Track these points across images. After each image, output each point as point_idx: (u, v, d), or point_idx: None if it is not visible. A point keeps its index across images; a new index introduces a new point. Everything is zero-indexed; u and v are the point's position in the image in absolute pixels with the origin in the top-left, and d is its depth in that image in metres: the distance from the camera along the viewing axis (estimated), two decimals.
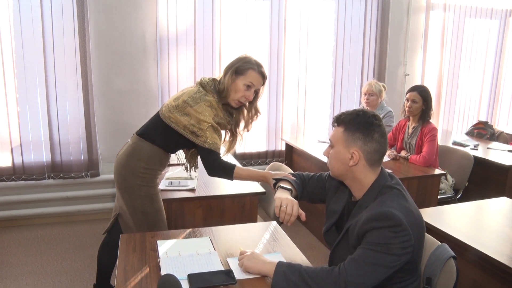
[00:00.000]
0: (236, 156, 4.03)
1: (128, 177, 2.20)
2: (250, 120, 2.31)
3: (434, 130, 3.47)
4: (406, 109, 3.56)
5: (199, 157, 2.38)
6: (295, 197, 1.81)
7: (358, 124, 1.53)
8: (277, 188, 1.83)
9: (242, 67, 2.15)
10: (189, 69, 4.24)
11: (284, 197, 1.71)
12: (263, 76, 2.20)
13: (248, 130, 2.35)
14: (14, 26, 3.63)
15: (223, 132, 2.31)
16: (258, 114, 2.33)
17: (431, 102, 3.53)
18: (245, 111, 2.30)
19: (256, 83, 2.17)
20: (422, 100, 3.49)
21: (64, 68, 3.81)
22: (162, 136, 2.19)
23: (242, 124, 2.33)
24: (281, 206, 1.68)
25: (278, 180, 1.89)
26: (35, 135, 3.87)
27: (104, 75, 4.02)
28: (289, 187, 1.81)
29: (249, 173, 2.18)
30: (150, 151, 2.19)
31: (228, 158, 2.41)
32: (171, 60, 4.17)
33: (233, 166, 2.15)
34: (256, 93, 2.23)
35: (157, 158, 2.22)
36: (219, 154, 2.16)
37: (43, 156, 3.92)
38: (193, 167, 2.47)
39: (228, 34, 4.33)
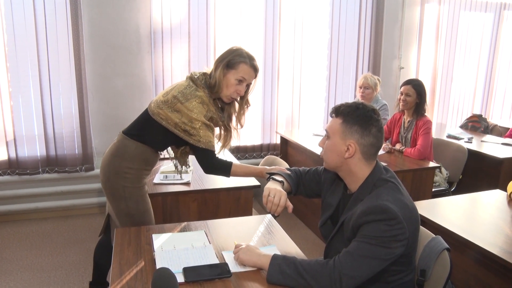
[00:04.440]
0: (231, 149, 4.02)
1: (112, 177, 2.11)
2: (242, 112, 2.23)
3: (428, 123, 3.48)
4: (400, 103, 3.57)
5: (190, 155, 2.31)
6: (287, 190, 1.81)
7: (357, 117, 1.52)
8: (269, 180, 1.82)
9: (233, 61, 2.07)
10: (184, 62, 4.22)
11: (272, 188, 1.71)
12: (255, 70, 2.12)
13: (242, 126, 2.27)
14: (6, 19, 3.59)
15: (216, 128, 2.25)
16: (248, 105, 2.25)
17: (425, 95, 3.54)
18: (237, 105, 2.23)
19: (248, 77, 2.10)
20: (416, 94, 3.49)
21: (57, 62, 3.78)
22: (150, 133, 2.11)
23: (234, 117, 2.26)
24: (268, 196, 1.69)
25: (272, 174, 1.89)
26: (29, 129, 3.84)
27: (98, 68, 4.00)
28: (281, 179, 1.81)
29: (246, 169, 2.15)
30: (135, 149, 2.10)
31: (223, 152, 2.36)
32: (165, 53, 4.15)
33: (230, 163, 2.12)
34: (248, 86, 2.16)
35: (142, 157, 2.12)
36: (214, 152, 2.11)
37: (37, 151, 3.90)
38: (183, 166, 2.35)
39: (222, 27, 4.31)
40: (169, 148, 2.34)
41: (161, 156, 2.52)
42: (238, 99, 2.20)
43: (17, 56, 3.67)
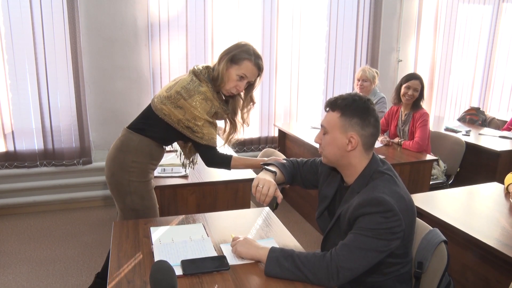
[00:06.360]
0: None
1: (117, 172, 2.12)
2: (245, 109, 2.22)
3: (425, 115, 3.49)
4: (406, 97, 3.52)
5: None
6: (280, 180, 1.81)
7: (355, 109, 1.52)
8: (262, 170, 1.83)
9: (238, 56, 2.04)
10: (181, 55, 4.20)
11: (262, 178, 1.71)
12: (259, 68, 2.09)
13: (248, 124, 2.26)
14: (3, 12, 3.56)
15: (221, 122, 2.24)
16: (253, 102, 2.23)
17: (424, 90, 3.56)
18: (240, 100, 2.22)
19: (249, 75, 2.07)
20: (421, 89, 3.50)
21: (54, 55, 3.76)
22: (153, 128, 2.11)
23: (239, 111, 2.24)
24: (257, 185, 1.69)
25: (267, 164, 1.88)
26: (26, 122, 3.83)
27: (95, 61, 3.98)
28: (274, 169, 1.80)
29: (245, 162, 2.16)
30: (139, 143, 2.10)
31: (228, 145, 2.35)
32: (162, 46, 4.13)
33: (230, 157, 2.12)
34: (252, 84, 2.14)
35: (146, 150, 2.12)
36: (216, 148, 2.12)
37: (35, 144, 3.89)
38: (191, 163, 2.32)
39: (220, 19, 4.28)
40: (176, 144, 2.32)
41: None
42: (242, 95, 2.18)
43: (13, 49, 3.65)
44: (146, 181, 2.17)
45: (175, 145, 2.38)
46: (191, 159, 2.34)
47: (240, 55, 2.04)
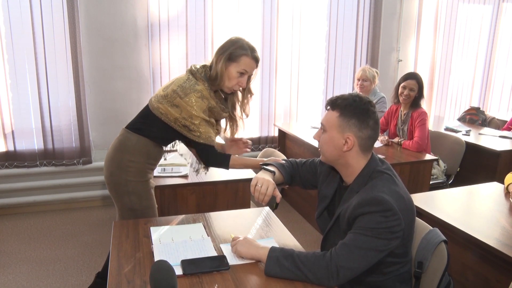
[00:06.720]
0: None
1: (115, 171, 2.13)
2: (245, 101, 2.23)
3: (423, 114, 3.48)
4: (403, 97, 3.54)
5: None
6: (279, 180, 1.81)
7: (354, 110, 1.52)
8: (260, 170, 1.83)
9: (235, 53, 2.06)
10: (181, 55, 4.20)
11: (261, 177, 1.72)
12: (257, 61, 2.12)
13: (247, 115, 2.27)
14: (3, 12, 3.56)
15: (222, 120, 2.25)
16: (251, 94, 2.24)
17: (423, 89, 3.55)
18: (239, 94, 2.23)
19: (249, 69, 2.10)
20: (418, 88, 3.50)
21: (54, 55, 3.76)
22: (151, 127, 2.11)
23: (238, 107, 2.25)
24: (256, 185, 1.69)
25: (265, 165, 1.88)
26: (26, 122, 3.83)
27: (95, 61, 3.97)
28: (272, 169, 1.80)
29: (244, 162, 2.17)
30: (136, 142, 2.12)
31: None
32: (162, 46, 4.13)
33: (228, 156, 2.13)
34: (249, 77, 2.16)
35: (144, 150, 2.13)
36: (214, 146, 2.12)
37: (35, 144, 3.89)
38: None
39: (220, 19, 4.28)
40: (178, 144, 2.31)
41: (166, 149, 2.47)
42: (241, 89, 2.19)
43: (13, 49, 3.65)
44: (144, 181, 2.17)
45: (179, 146, 2.36)
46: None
47: (237, 52, 2.06)
